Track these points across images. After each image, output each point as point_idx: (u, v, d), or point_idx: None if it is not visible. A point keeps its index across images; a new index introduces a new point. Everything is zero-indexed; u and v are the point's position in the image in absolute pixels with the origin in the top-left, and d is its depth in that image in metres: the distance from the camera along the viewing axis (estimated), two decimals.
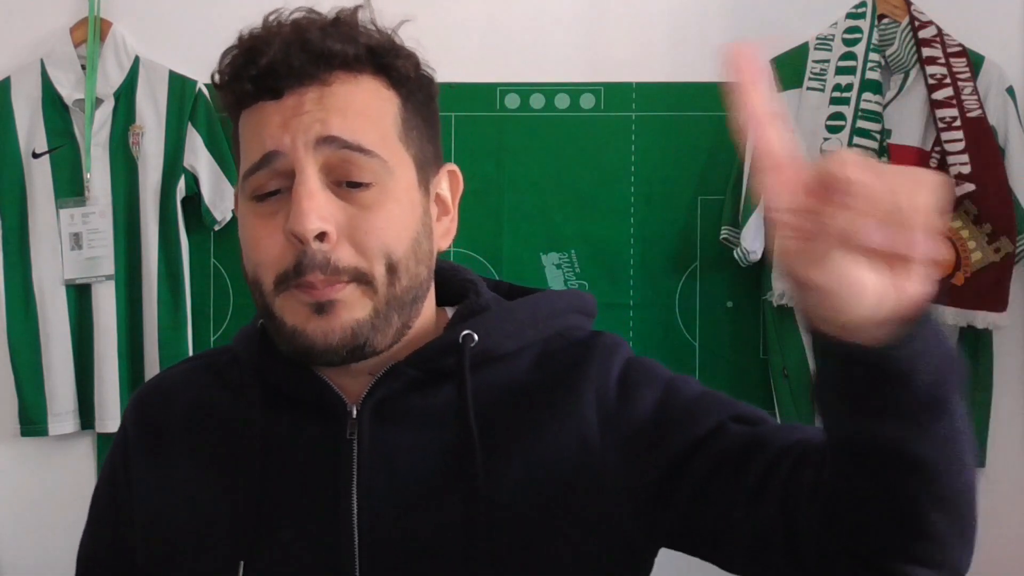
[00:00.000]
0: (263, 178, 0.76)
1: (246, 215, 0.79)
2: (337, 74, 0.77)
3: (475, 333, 0.81)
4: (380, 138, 0.77)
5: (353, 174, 0.76)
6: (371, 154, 0.76)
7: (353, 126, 0.76)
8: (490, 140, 2.17)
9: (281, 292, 0.77)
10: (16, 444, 2.22)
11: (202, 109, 2.15)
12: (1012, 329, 2.09)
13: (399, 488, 0.79)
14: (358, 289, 0.76)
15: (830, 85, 2.05)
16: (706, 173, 2.16)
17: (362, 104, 0.77)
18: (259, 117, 0.77)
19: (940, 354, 0.59)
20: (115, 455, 0.92)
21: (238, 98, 0.78)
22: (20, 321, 2.16)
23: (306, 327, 0.76)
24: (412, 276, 0.79)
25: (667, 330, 2.17)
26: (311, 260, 0.74)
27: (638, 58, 2.18)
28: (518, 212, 2.16)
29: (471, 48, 2.17)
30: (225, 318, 2.22)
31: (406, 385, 0.81)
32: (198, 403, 0.88)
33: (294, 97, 0.76)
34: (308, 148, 0.75)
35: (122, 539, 0.89)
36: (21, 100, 2.15)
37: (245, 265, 0.80)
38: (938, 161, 2.03)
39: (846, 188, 0.53)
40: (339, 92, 0.76)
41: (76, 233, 2.15)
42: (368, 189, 0.76)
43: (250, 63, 0.76)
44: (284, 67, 0.75)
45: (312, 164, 0.75)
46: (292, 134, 0.75)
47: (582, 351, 0.84)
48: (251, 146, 0.78)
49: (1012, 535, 2.14)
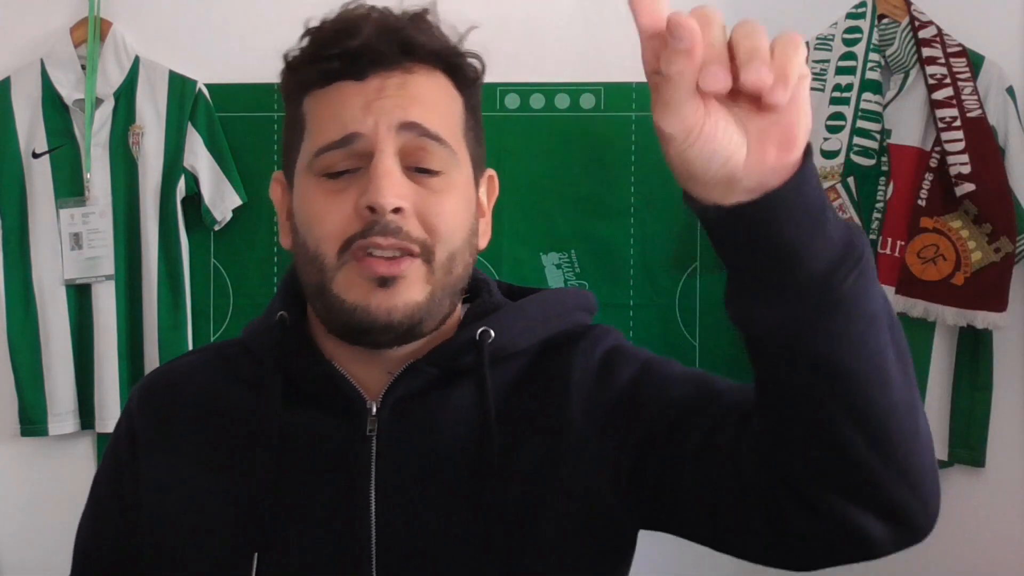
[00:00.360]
0: (339, 157, 0.78)
1: (312, 191, 0.79)
2: (417, 65, 0.80)
3: (491, 330, 0.83)
4: (450, 131, 0.81)
5: (425, 160, 0.79)
6: (444, 144, 0.79)
7: (431, 115, 0.79)
8: (490, 140, 2.15)
9: (343, 264, 0.77)
10: (16, 444, 2.22)
11: (202, 109, 2.15)
12: (1012, 329, 2.09)
13: (417, 485, 0.80)
14: (422, 267, 0.78)
15: (830, 85, 2.06)
16: None
17: (437, 97, 0.81)
18: (339, 97, 0.79)
19: (811, 226, 0.59)
20: (119, 446, 0.90)
21: (318, 76, 0.80)
22: (20, 321, 2.16)
23: (369, 303, 0.77)
24: (464, 266, 0.82)
25: (667, 330, 2.17)
26: (384, 227, 0.76)
27: (638, 58, 2.16)
28: (518, 212, 2.16)
29: (471, 48, 2.16)
30: (225, 318, 2.22)
31: (425, 383, 0.82)
32: (208, 396, 0.87)
33: (378, 80, 0.78)
34: (389, 131, 0.77)
35: (125, 533, 0.88)
36: (21, 100, 2.15)
37: (304, 240, 0.80)
38: (938, 161, 2.03)
39: (682, 33, 0.55)
40: (419, 82, 0.80)
41: (76, 233, 2.15)
42: (437, 176, 0.79)
43: (338, 43, 0.78)
44: (374, 50, 0.78)
45: (391, 146, 0.77)
46: (375, 116, 0.77)
47: (575, 340, 0.86)
48: (328, 125, 0.79)
49: (1012, 535, 2.14)
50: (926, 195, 2.04)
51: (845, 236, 0.61)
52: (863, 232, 0.63)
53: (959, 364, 2.07)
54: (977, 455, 2.06)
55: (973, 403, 2.06)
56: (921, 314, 2.03)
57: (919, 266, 2.04)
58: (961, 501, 2.14)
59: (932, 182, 2.04)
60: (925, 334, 2.05)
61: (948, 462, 2.08)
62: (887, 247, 2.06)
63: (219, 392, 0.87)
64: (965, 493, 2.14)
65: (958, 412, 2.06)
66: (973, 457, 2.06)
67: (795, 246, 0.59)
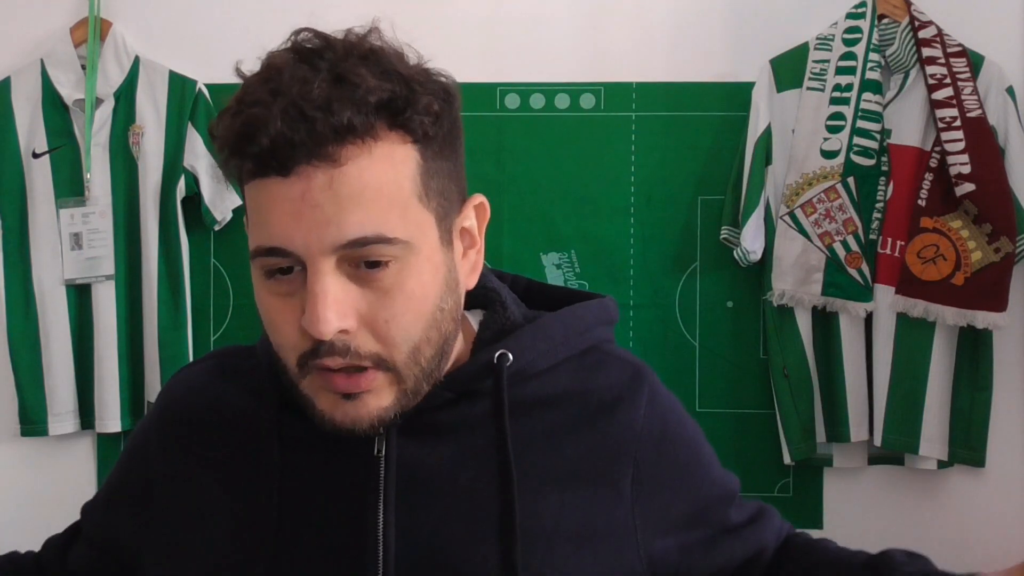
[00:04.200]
0: (272, 261, 0.72)
1: (261, 288, 0.75)
2: (347, 148, 0.69)
3: (510, 353, 0.81)
4: (400, 215, 0.72)
5: (372, 256, 0.71)
6: (392, 241, 0.71)
7: (372, 215, 0.70)
8: (490, 140, 2.17)
9: (306, 374, 0.75)
10: (16, 444, 2.22)
11: (202, 109, 2.16)
12: (1012, 329, 2.09)
13: (428, 504, 0.79)
14: (384, 376, 0.74)
15: (830, 85, 2.05)
16: (706, 173, 2.16)
17: (377, 182, 0.70)
18: (266, 196, 0.71)
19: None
20: (149, 446, 0.89)
21: (240, 173, 0.73)
22: (20, 321, 2.16)
23: (335, 413, 0.75)
24: (436, 343, 0.77)
25: (667, 330, 2.17)
26: (330, 347, 0.72)
27: (638, 58, 2.18)
28: (518, 212, 2.16)
29: (471, 48, 2.17)
30: (225, 318, 2.22)
31: (437, 404, 0.80)
32: (219, 409, 0.86)
33: (302, 181, 0.69)
34: (324, 252, 0.70)
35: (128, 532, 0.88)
36: (21, 100, 2.16)
37: (269, 336, 0.77)
38: (938, 161, 2.03)
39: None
40: (351, 172, 0.69)
41: (76, 233, 2.15)
42: (387, 268, 0.72)
43: (251, 141, 0.69)
44: (288, 146, 0.68)
45: (328, 263, 0.70)
46: (305, 235, 0.69)
47: (623, 386, 0.85)
48: (260, 228, 0.72)
49: (1012, 535, 2.14)
50: (926, 195, 2.04)
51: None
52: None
53: (959, 364, 2.07)
54: (977, 455, 2.06)
55: (973, 403, 2.06)
56: (921, 314, 2.03)
57: (919, 266, 2.04)
58: (961, 501, 2.14)
59: (932, 182, 2.04)
60: (925, 334, 2.05)
61: (948, 462, 2.08)
62: (887, 247, 2.06)
63: (230, 405, 0.86)
64: (965, 493, 2.14)
65: (958, 412, 2.06)
66: (973, 457, 2.06)
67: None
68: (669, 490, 0.85)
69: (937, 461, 2.08)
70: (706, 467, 0.89)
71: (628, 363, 0.87)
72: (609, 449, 0.82)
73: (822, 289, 2.05)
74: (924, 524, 2.15)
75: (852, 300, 2.05)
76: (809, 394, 2.08)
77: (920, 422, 2.05)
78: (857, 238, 2.04)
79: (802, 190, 2.05)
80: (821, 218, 2.04)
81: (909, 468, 2.12)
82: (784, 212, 2.07)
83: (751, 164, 2.06)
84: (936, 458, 2.07)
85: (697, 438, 0.90)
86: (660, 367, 2.13)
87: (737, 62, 2.14)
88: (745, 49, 2.14)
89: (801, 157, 2.06)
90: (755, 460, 2.15)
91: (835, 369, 2.07)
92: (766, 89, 2.10)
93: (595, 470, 0.81)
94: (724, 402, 2.16)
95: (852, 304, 2.05)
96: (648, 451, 0.84)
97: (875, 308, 2.06)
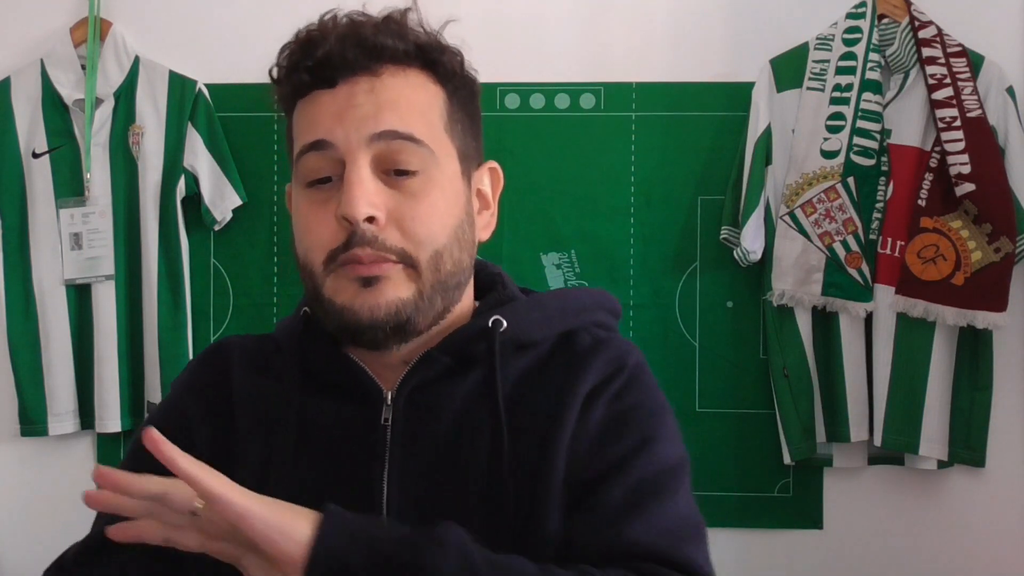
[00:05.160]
0: (315, 161, 0.81)
1: (299, 201, 0.83)
2: (387, 67, 0.82)
3: (504, 319, 0.85)
4: (427, 128, 0.82)
5: (401, 162, 0.80)
6: (419, 143, 0.81)
7: (403, 116, 0.81)
8: (490, 140, 2.15)
9: (331, 272, 0.81)
10: (16, 444, 2.22)
11: (202, 109, 2.15)
12: (1012, 329, 2.09)
13: (429, 473, 0.82)
14: (404, 271, 0.80)
15: (830, 85, 2.05)
16: (706, 173, 2.16)
17: (410, 95, 0.82)
18: (313, 106, 0.82)
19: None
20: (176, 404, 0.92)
21: (295, 88, 0.83)
22: (20, 321, 2.16)
23: (354, 303, 0.80)
24: (455, 261, 0.83)
25: (667, 330, 2.17)
26: (360, 237, 0.78)
27: (638, 58, 2.18)
28: (518, 212, 2.16)
29: (471, 48, 2.16)
30: (225, 318, 2.22)
31: (439, 372, 0.85)
32: (243, 380, 0.90)
33: (347, 87, 0.81)
34: (360, 144, 0.79)
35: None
36: (21, 100, 2.16)
37: (297, 249, 0.84)
38: (938, 161, 2.03)
39: None
40: (389, 84, 0.81)
41: (76, 233, 2.15)
42: (415, 177, 0.81)
43: (306, 55, 0.81)
44: (338, 58, 0.80)
45: (364, 156, 0.79)
46: (345, 128, 0.80)
47: (598, 347, 0.87)
48: (305, 132, 0.82)
49: (1012, 535, 2.14)
50: (926, 195, 2.04)
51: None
52: None
53: (959, 364, 2.07)
54: (977, 455, 2.06)
55: (973, 403, 2.06)
56: (921, 314, 2.03)
57: (919, 266, 2.04)
58: (961, 501, 2.14)
59: (932, 182, 2.04)
60: (925, 334, 2.05)
61: (948, 462, 2.08)
62: (887, 247, 2.06)
63: (252, 382, 0.90)
64: (965, 493, 2.14)
65: (958, 412, 2.06)
66: (973, 457, 2.06)
67: None
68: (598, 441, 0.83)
69: (937, 461, 2.08)
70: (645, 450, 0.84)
71: (618, 344, 0.89)
72: (566, 401, 0.83)
73: (822, 289, 2.05)
74: (924, 524, 2.15)
75: (852, 300, 2.05)
76: (809, 394, 2.08)
77: (920, 422, 2.05)
78: (857, 238, 2.04)
79: (802, 190, 2.05)
80: (821, 218, 2.04)
81: (909, 468, 2.12)
82: (784, 212, 2.07)
83: (751, 164, 2.06)
84: (936, 458, 2.07)
85: (643, 401, 0.86)
86: (660, 367, 2.14)
87: (737, 62, 2.14)
88: (745, 49, 2.14)
89: (801, 157, 2.06)
90: (755, 460, 2.15)
91: (835, 369, 2.07)
92: (766, 89, 2.10)
93: (556, 426, 0.82)
94: (724, 402, 2.16)
95: (852, 304, 2.05)
96: (590, 390, 0.84)
97: (875, 308, 2.06)
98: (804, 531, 2.16)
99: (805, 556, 2.15)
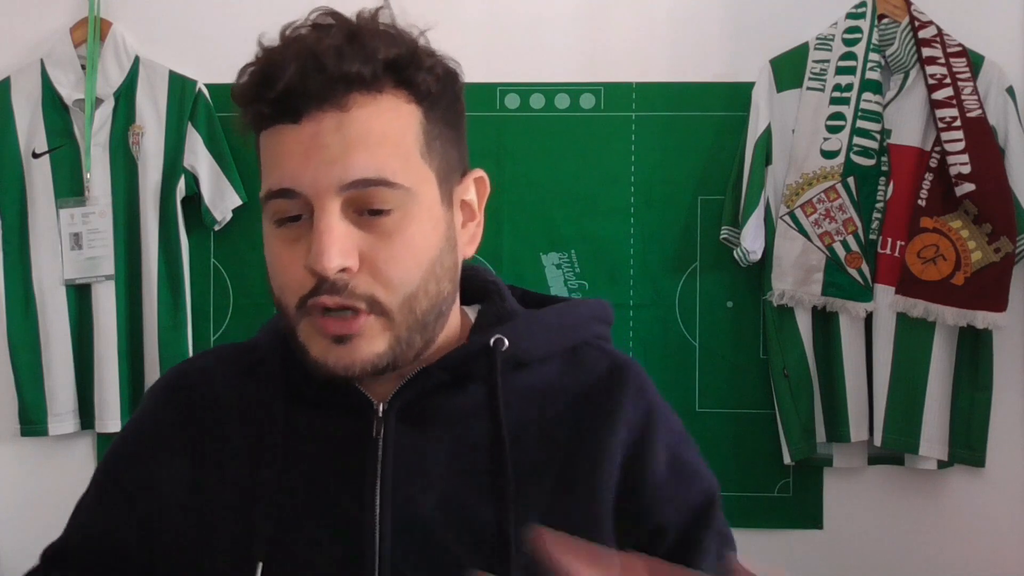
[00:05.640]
0: (284, 205, 0.76)
1: (269, 238, 0.79)
2: (355, 96, 0.74)
3: (505, 338, 0.82)
4: (403, 163, 0.76)
5: (375, 203, 0.75)
6: (393, 186, 0.75)
7: (375, 155, 0.74)
8: (490, 140, 2.17)
9: (303, 317, 0.77)
10: (16, 444, 2.22)
11: (202, 109, 2.16)
12: (1012, 329, 2.09)
13: (423, 488, 0.80)
14: (376, 322, 0.76)
15: (830, 85, 2.05)
16: (706, 173, 2.16)
17: (382, 129, 0.75)
18: (278, 143, 0.76)
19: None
20: (140, 438, 0.88)
21: (256, 119, 0.77)
22: (20, 321, 2.16)
23: (327, 358, 0.77)
24: (433, 296, 0.79)
25: (667, 330, 2.17)
26: (330, 286, 0.74)
27: (638, 58, 2.18)
28: (518, 212, 2.16)
29: (471, 48, 2.16)
30: (225, 318, 2.22)
31: (434, 386, 0.82)
32: (222, 397, 0.87)
33: (312, 124, 0.74)
34: (330, 190, 0.74)
35: (126, 524, 0.87)
36: (21, 100, 2.16)
37: (272, 284, 0.80)
38: (938, 161, 2.03)
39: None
40: (358, 117, 0.74)
41: (76, 233, 2.15)
42: (389, 215, 0.75)
43: (266, 86, 0.74)
44: (300, 91, 0.73)
45: (334, 203, 0.74)
46: (313, 173, 0.74)
47: (615, 380, 0.86)
48: (271, 172, 0.77)
49: (1012, 535, 2.14)
50: (926, 195, 2.04)
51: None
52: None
53: (959, 364, 2.07)
54: (977, 455, 2.06)
55: (973, 403, 2.06)
56: (921, 314, 2.03)
57: (919, 266, 2.04)
58: (961, 501, 2.14)
59: (932, 182, 2.04)
60: (925, 334, 2.05)
61: (948, 462, 2.08)
62: (887, 247, 2.06)
63: (233, 393, 0.87)
64: (965, 493, 2.14)
65: (958, 412, 2.06)
66: (973, 457, 2.06)
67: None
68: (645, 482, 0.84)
69: (937, 461, 2.08)
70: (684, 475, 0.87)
71: (618, 359, 0.89)
72: (599, 441, 0.83)
73: (822, 289, 2.05)
74: (924, 524, 2.15)
75: (852, 300, 2.05)
76: (809, 394, 2.08)
77: (920, 422, 2.05)
78: (857, 238, 2.04)
79: (802, 190, 2.05)
80: (821, 218, 2.04)
81: (909, 468, 2.12)
82: (784, 212, 2.07)
83: (751, 164, 2.06)
84: (936, 458, 2.07)
85: (681, 436, 0.89)
86: (660, 367, 2.14)
87: (737, 62, 2.14)
88: (745, 49, 2.14)
89: (801, 157, 2.06)
90: (755, 460, 2.15)
91: (835, 369, 2.07)
92: (766, 89, 2.10)
93: (586, 462, 0.82)
94: (724, 402, 2.16)
95: (852, 304, 2.05)
96: (635, 437, 0.84)
97: (875, 308, 2.06)
98: (804, 531, 2.16)
99: (805, 556, 2.15)
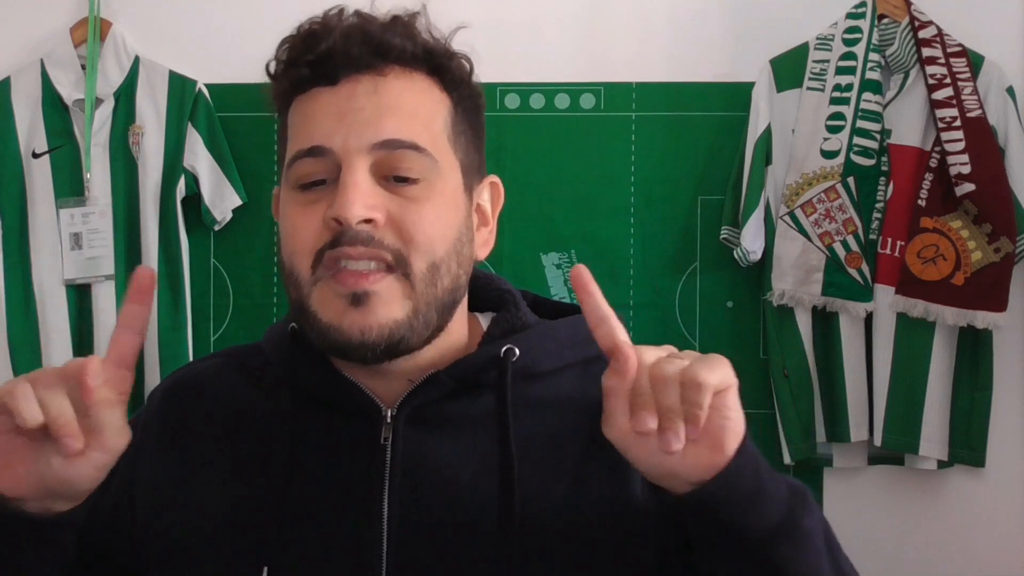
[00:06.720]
0: (309, 166, 0.76)
1: (288, 204, 0.78)
2: (393, 68, 0.77)
3: (516, 348, 0.81)
4: (431, 137, 0.78)
5: (402, 169, 0.75)
6: (422, 151, 0.76)
7: (406, 123, 0.76)
8: (490, 140, 2.15)
9: (318, 281, 0.75)
10: None
11: (202, 109, 2.15)
12: (1012, 329, 2.09)
13: (431, 495, 0.78)
14: (397, 283, 0.75)
15: (830, 85, 2.06)
16: (706, 173, 2.16)
17: (415, 101, 0.78)
18: (312, 105, 0.77)
19: (743, 507, 0.68)
20: (147, 433, 0.87)
21: (293, 83, 0.78)
22: (20, 321, 2.15)
23: (341, 322, 0.74)
24: (453, 277, 0.78)
25: (667, 330, 2.17)
26: (353, 236, 0.73)
27: (638, 58, 2.18)
28: (518, 212, 2.16)
29: (471, 48, 2.16)
30: (225, 318, 2.22)
31: (444, 394, 0.80)
32: (227, 401, 0.86)
33: (349, 85, 0.76)
34: (360, 150, 0.74)
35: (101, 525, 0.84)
36: (21, 100, 2.15)
37: (283, 256, 0.78)
38: (938, 161, 2.03)
39: (620, 359, 0.68)
40: (394, 86, 0.77)
41: (76, 233, 2.15)
42: (415, 184, 0.76)
43: (308, 49, 0.76)
44: (342, 54, 0.76)
45: (362, 161, 0.75)
46: (344, 132, 0.75)
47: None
48: (300, 134, 0.77)
49: (1012, 535, 2.14)
50: (926, 195, 2.04)
51: (782, 510, 0.70)
52: (806, 502, 0.72)
53: (959, 364, 2.07)
54: (977, 455, 2.06)
55: (973, 403, 2.06)
56: (921, 314, 2.03)
57: (919, 266, 2.04)
58: (961, 501, 2.14)
59: (932, 182, 2.04)
60: (925, 334, 2.05)
61: (948, 462, 2.08)
62: (887, 247, 2.06)
63: (238, 398, 0.85)
64: (965, 493, 2.14)
65: (958, 412, 2.06)
66: (973, 457, 2.06)
67: (732, 522, 0.68)
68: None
69: (937, 461, 2.08)
70: None
71: None
72: (610, 456, 0.80)
73: (822, 289, 2.05)
74: (924, 524, 2.15)
75: (852, 300, 2.05)
76: (809, 394, 2.08)
77: (920, 422, 2.05)
78: (857, 238, 2.04)
79: (802, 190, 2.05)
80: (821, 218, 2.04)
81: (909, 468, 2.12)
82: (784, 212, 2.07)
83: (751, 164, 2.06)
84: (936, 458, 2.07)
85: None
86: None
87: (737, 62, 2.15)
88: (745, 49, 2.14)
89: (801, 157, 2.06)
90: None
91: (835, 369, 2.07)
92: (766, 89, 2.10)
93: (597, 477, 0.80)
94: None
95: (852, 304, 2.05)
96: None
97: (875, 308, 2.06)
98: None
99: None
